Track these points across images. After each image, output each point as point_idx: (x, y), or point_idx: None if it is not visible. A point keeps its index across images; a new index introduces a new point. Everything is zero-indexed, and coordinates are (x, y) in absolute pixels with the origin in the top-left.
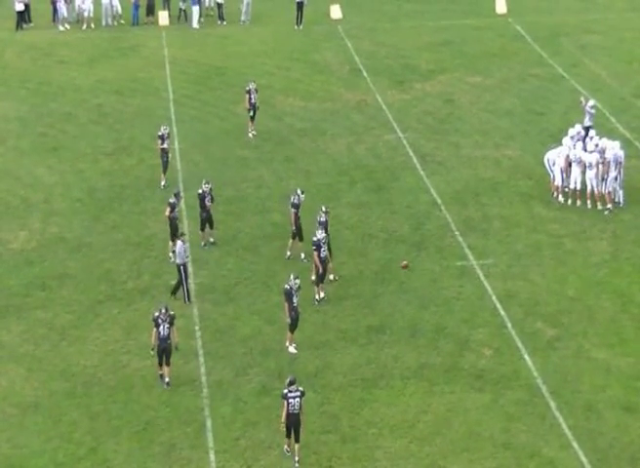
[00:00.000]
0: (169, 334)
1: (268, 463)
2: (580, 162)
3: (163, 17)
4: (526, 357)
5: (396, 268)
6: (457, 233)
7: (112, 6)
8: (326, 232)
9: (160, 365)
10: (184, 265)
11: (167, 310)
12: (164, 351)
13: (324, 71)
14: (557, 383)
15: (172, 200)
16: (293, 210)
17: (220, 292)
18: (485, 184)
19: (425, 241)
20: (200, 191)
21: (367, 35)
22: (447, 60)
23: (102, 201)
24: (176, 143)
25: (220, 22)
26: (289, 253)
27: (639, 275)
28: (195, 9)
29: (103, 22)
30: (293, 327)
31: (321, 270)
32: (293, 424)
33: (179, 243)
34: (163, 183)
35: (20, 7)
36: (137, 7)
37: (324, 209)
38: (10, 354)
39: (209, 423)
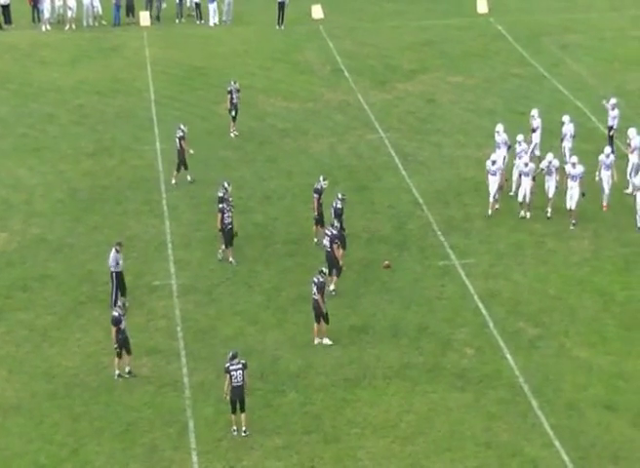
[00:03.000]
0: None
1: (251, 464)
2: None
3: (144, 17)
4: (508, 356)
5: (378, 268)
6: (439, 233)
7: (93, 6)
8: (339, 220)
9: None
10: (117, 273)
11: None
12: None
13: (306, 71)
14: (539, 382)
15: (220, 205)
16: (315, 195)
17: (201, 292)
18: (467, 184)
19: (407, 241)
20: (220, 194)
21: (348, 35)
22: (429, 60)
23: (84, 202)
24: (157, 144)
25: (199, 22)
26: (316, 240)
27: (620, 274)
28: (212, 6)
29: (84, 23)
30: (320, 319)
31: (341, 263)
32: (237, 397)
33: (112, 251)
34: (174, 182)
35: (4, 0)
36: (118, 7)
37: (340, 196)
38: None
39: (191, 424)
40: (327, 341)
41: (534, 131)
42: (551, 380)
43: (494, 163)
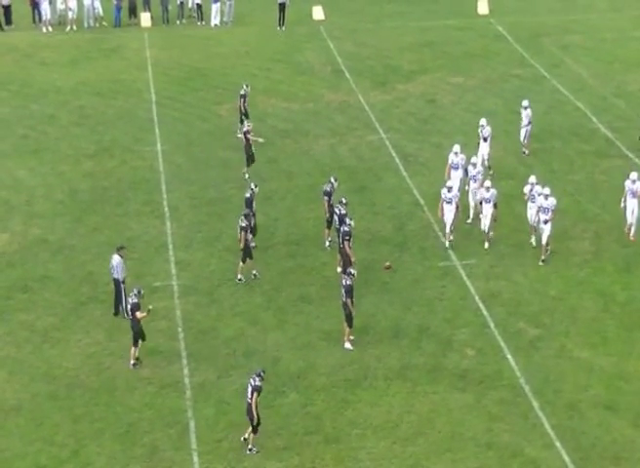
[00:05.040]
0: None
1: (252, 465)
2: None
3: (145, 18)
4: (509, 357)
5: (379, 269)
6: (439, 233)
7: (94, 8)
8: (341, 224)
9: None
10: (121, 280)
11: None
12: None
13: (306, 72)
14: (540, 383)
15: (243, 224)
16: (325, 197)
17: (202, 293)
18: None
19: (408, 241)
20: (247, 195)
21: (349, 36)
22: (429, 61)
23: (84, 203)
24: (158, 145)
25: (199, 23)
26: (327, 243)
27: (621, 274)
28: (215, 7)
29: (85, 24)
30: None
31: (353, 260)
32: (246, 413)
33: (116, 257)
34: (247, 176)
35: (6, 1)
36: (119, 8)
37: (344, 200)
38: None
39: (192, 425)
40: (348, 345)
41: (485, 140)
42: (552, 381)
43: (450, 190)
